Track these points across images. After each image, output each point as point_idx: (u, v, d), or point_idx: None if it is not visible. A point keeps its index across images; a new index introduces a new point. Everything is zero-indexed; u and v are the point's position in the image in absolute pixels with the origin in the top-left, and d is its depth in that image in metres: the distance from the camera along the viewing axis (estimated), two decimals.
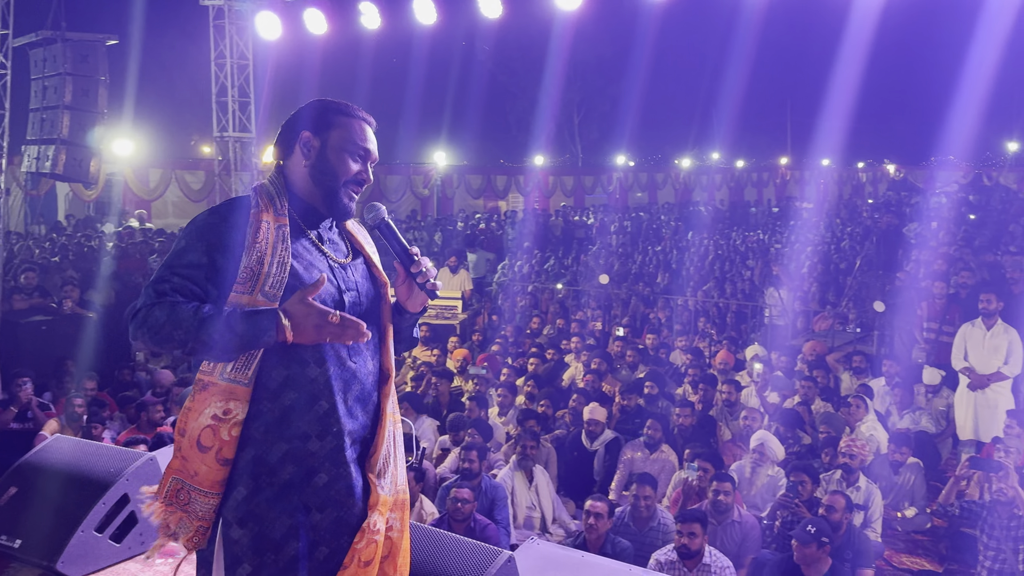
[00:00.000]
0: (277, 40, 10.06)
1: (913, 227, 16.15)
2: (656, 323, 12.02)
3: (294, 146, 2.27)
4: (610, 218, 25.00)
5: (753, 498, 6.37)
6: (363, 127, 2.30)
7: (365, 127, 2.30)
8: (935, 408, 8.15)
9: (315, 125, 2.26)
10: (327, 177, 2.25)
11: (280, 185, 2.27)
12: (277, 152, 2.34)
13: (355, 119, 2.29)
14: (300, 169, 2.27)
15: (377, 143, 2.32)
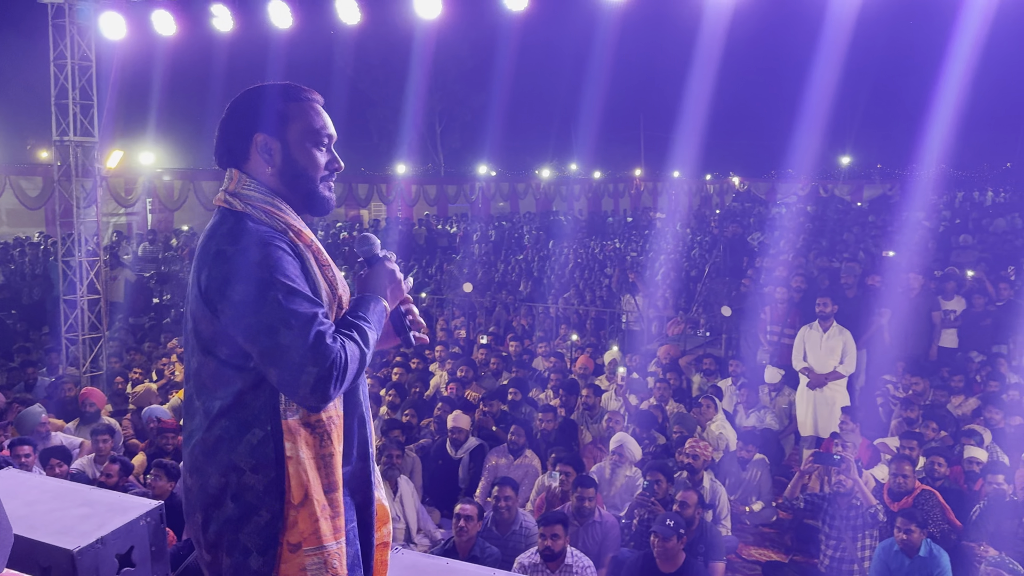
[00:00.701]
0: (122, 41, 9.56)
1: (757, 236, 17.12)
2: (519, 330, 12.20)
3: (249, 152, 2.01)
4: (473, 227, 25.17)
5: (612, 498, 6.56)
6: (317, 108, 2.07)
7: (318, 107, 2.08)
8: (778, 406, 8.66)
9: (269, 124, 2.00)
10: (301, 180, 2.03)
11: (270, 196, 1.99)
12: (227, 159, 2.04)
13: (306, 103, 2.05)
14: (265, 176, 2.01)
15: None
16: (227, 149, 2.04)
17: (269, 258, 1.83)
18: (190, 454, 1.92)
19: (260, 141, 2.00)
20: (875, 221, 21.53)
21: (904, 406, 7.71)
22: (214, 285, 1.83)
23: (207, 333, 1.87)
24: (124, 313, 13.15)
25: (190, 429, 1.93)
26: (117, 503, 3.86)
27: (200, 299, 1.86)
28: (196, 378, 1.92)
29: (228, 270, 1.82)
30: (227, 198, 1.97)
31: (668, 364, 9.44)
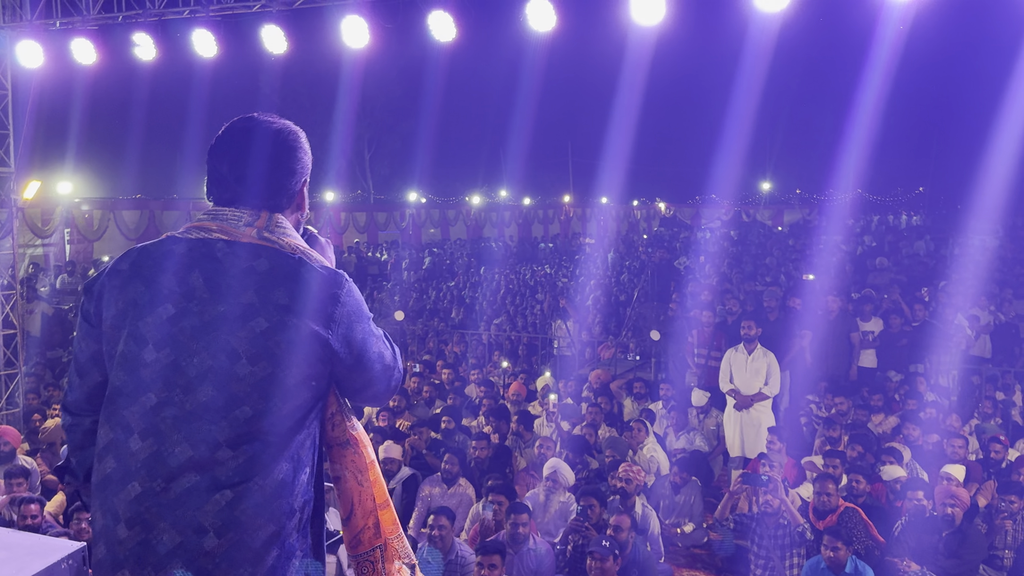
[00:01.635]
0: (39, 69, 9.31)
1: (683, 260, 17.49)
2: (451, 357, 12.18)
3: (293, 198, 1.95)
4: (403, 254, 25.09)
5: (547, 524, 6.58)
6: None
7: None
8: (706, 428, 8.82)
9: (308, 169, 2.00)
10: (299, 224, 2.01)
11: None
12: (272, 203, 1.91)
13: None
14: (292, 221, 1.96)
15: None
16: (278, 190, 1.93)
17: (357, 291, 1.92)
18: (221, 510, 1.71)
19: (304, 184, 2.00)
20: (795, 245, 22.22)
21: (827, 425, 7.94)
22: (343, 330, 1.84)
23: (301, 373, 1.79)
24: (41, 347, 12.68)
25: (189, 492, 1.71)
26: (37, 546, 3.72)
27: (308, 343, 1.79)
28: (247, 418, 1.74)
29: (351, 312, 1.87)
30: (265, 236, 1.86)
31: (599, 388, 9.54)
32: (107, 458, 1.76)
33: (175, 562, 1.70)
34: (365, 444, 1.99)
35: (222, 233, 1.84)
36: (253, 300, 1.76)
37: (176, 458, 1.71)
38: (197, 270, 1.79)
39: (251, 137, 1.93)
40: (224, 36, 8.44)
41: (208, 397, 1.73)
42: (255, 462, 1.73)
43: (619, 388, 9.92)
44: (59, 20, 8.99)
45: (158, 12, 8.43)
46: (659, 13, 6.99)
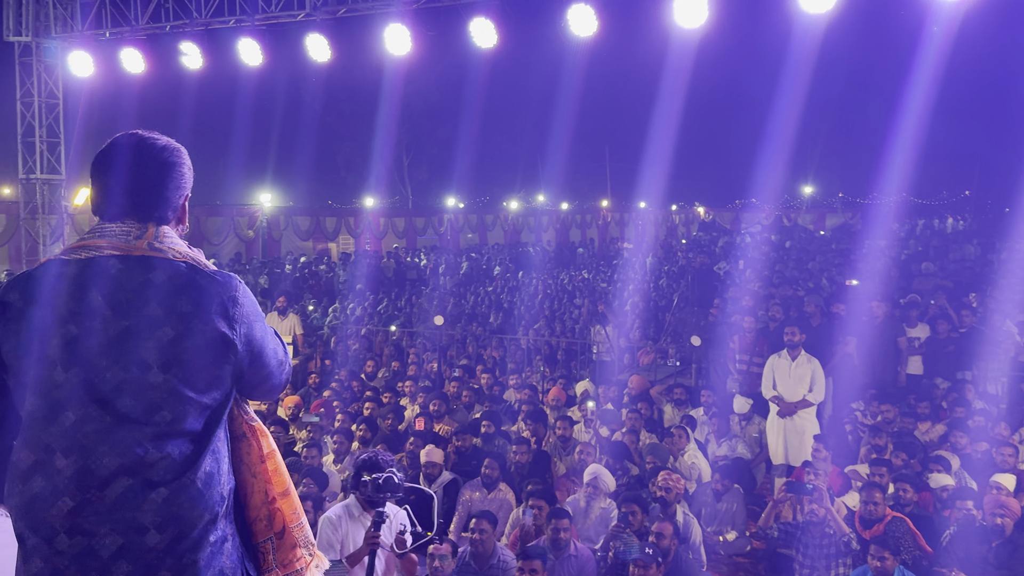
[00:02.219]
0: (90, 78, 9.55)
1: (723, 265, 17.36)
2: (490, 362, 12.20)
3: (176, 211, 2.03)
4: (441, 259, 25.21)
5: (587, 530, 6.56)
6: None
7: None
8: (748, 435, 8.73)
9: (190, 184, 2.08)
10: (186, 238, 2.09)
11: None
12: (158, 216, 1.98)
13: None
14: (176, 235, 2.03)
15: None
16: (162, 203, 1.99)
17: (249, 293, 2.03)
18: (158, 508, 1.82)
19: (186, 200, 2.08)
20: (838, 249, 21.91)
21: (873, 433, 7.81)
22: (244, 329, 1.95)
23: (211, 374, 1.90)
24: None
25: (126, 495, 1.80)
26: None
27: (215, 345, 1.90)
28: (167, 422, 1.84)
29: (249, 312, 1.99)
30: (154, 246, 1.93)
31: (639, 394, 9.49)
32: (33, 478, 1.81)
33: (120, 563, 1.80)
34: (263, 434, 2.07)
35: (113, 249, 1.89)
36: (156, 311, 1.84)
37: (106, 467, 1.79)
38: (95, 289, 1.84)
39: (138, 153, 1.99)
40: (269, 45, 8.58)
41: (127, 408, 1.81)
42: (184, 459, 1.84)
43: (659, 394, 9.86)
44: (109, 30, 9.22)
45: (205, 21, 8.60)
46: (702, 16, 6.96)
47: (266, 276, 20.43)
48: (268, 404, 9.41)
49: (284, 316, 12.77)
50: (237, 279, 1.98)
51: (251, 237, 27.03)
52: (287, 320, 12.71)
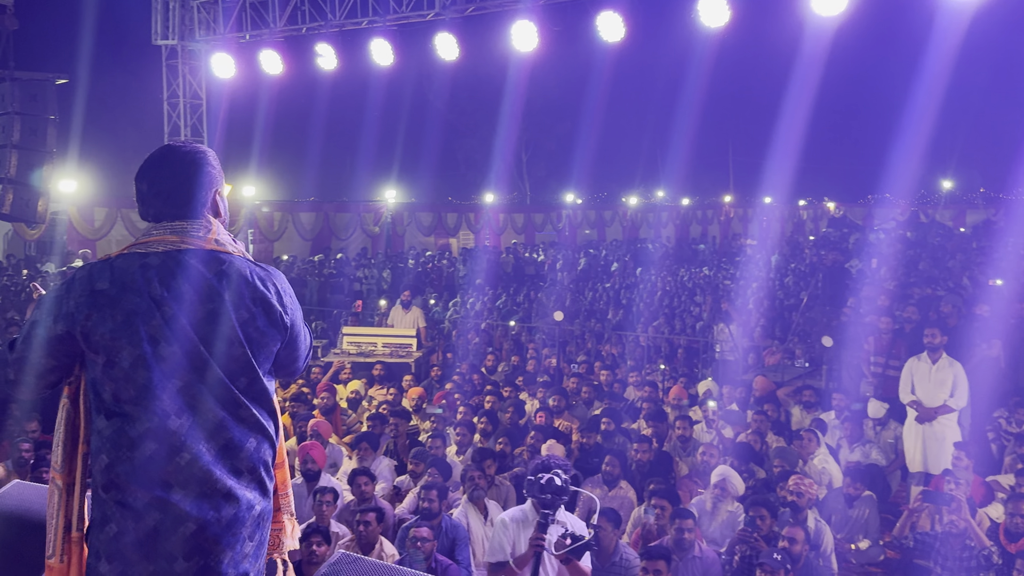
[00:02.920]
0: (231, 80, 10.04)
1: (855, 263, 16.65)
2: (609, 359, 12.13)
3: (212, 204, 2.34)
4: (559, 255, 25.24)
5: (712, 533, 6.43)
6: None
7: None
8: (884, 440, 8.35)
9: (219, 179, 2.40)
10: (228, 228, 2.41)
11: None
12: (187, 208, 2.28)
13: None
14: (221, 225, 2.36)
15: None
16: (200, 199, 2.30)
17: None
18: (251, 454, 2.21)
19: (218, 196, 2.37)
20: (979, 247, 20.66)
21: (1018, 442, 7.35)
22: (292, 312, 2.32)
23: (268, 350, 2.27)
24: None
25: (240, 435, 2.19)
26: None
27: (274, 326, 2.26)
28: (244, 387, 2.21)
29: (294, 301, 2.36)
30: (220, 240, 2.28)
31: (764, 396, 9.23)
32: (144, 443, 2.08)
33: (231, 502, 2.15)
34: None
35: (186, 244, 2.22)
36: (232, 297, 2.18)
37: (210, 421, 2.14)
38: (180, 277, 2.16)
39: (171, 160, 2.32)
40: (399, 44, 8.79)
41: (219, 375, 2.15)
42: (259, 417, 2.22)
43: (787, 396, 9.56)
44: (249, 33, 9.66)
45: (339, 23, 8.89)
46: (840, 3, 6.68)
47: (389, 271, 20.96)
48: (395, 394, 9.69)
49: (408, 309, 13.09)
50: (279, 272, 2.36)
51: (376, 232, 27.83)
52: (411, 313, 13.02)
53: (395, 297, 14.19)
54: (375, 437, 8.12)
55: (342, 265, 21.44)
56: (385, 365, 11.08)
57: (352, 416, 9.75)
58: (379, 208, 28.67)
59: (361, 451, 7.72)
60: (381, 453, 8.02)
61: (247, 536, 2.17)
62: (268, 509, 2.26)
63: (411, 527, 5.66)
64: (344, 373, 11.04)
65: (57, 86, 9.40)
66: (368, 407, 9.75)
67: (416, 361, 11.71)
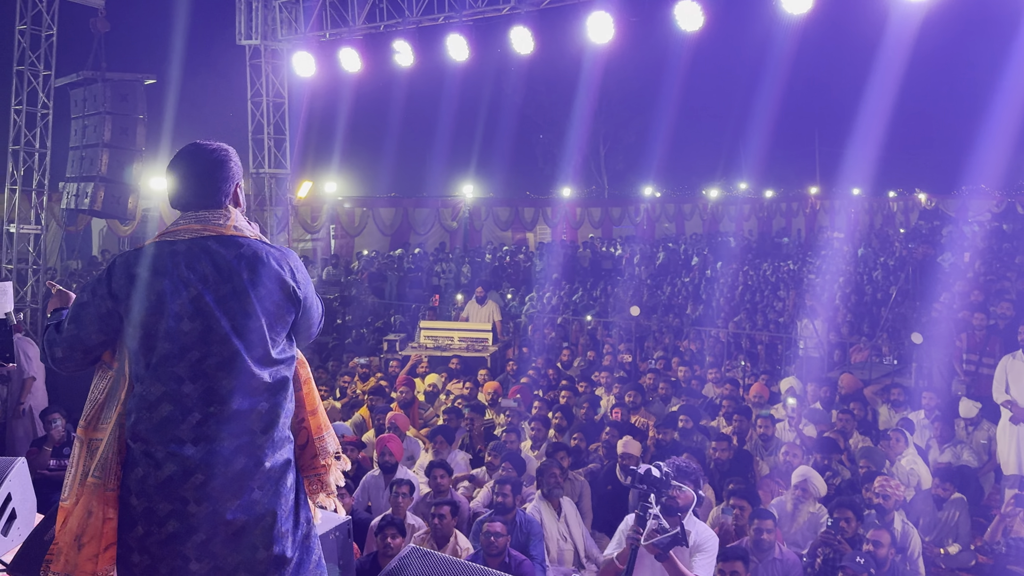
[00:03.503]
0: (311, 78, 10.23)
1: (947, 257, 15.98)
2: (687, 355, 11.93)
3: (234, 195, 2.64)
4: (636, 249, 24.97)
5: (794, 535, 6.26)
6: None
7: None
8: (976, 441, 7.99)
9: (239, 174, 2.69)
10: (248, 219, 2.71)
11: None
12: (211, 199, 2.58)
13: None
14: (240, 213, 2.65)
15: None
16: (221, 191, 2.60)
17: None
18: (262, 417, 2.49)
19: (239, 188, 2.67)
20: None
21: None
22: (304, 289, 2.62)
23: (283, 321, 2.57)
24: None
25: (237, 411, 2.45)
26: None
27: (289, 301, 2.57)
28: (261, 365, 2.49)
29: (306, 276, 2.67)
30: (239, 226, 2.58)
31: (851, 393, 8.94)
32: (162, 405, 2.42)
33: (239, 458, 2.43)
34: (303, 364, 2.73)
35: (208, 231, 2.52)
36: (250, 276, 2.49)
37: (225, 388, 2.43)
38: (204, 260, 2.47)
39: (197, 157, 2.61)
40: (475, 40, 8.81)
41: (237, 346, 2.45)
42: (275, 382, 2.52)
43: (874, 394, 9.24)
44: (328, 31, 9.82)
45: (416, 19, 8.97)
46: None
47: (468, 265, 21.10)
48: (471, 388, 9.74)
49: (483, 304, 13.15)
50: (293, 252, 2.66)
51: (454, 227, 28.04)
52: (486, 308, 13.08)
53: (472, 292, 14.27)
54: (451, 431, 8.18)
55: (420, 260, 21.70)
56: (461, 359, 11.15)
57: (429, 409, 9.84)
58: (457, 203, 28.88)
59: (436, 444, 7.79)
60: (456, 447, 8.07)
61: (257, 487, 2.45)
62: (282, 462, 2.52)
63: (485, 521, 5.68)
64: (421, 367, 11.16)
65: (146, 86, 9.75)
66: (445, 401, 9.83)
67: (492, 355, 11.75)
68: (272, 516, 2.47)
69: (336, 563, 3.97)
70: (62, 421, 7.45)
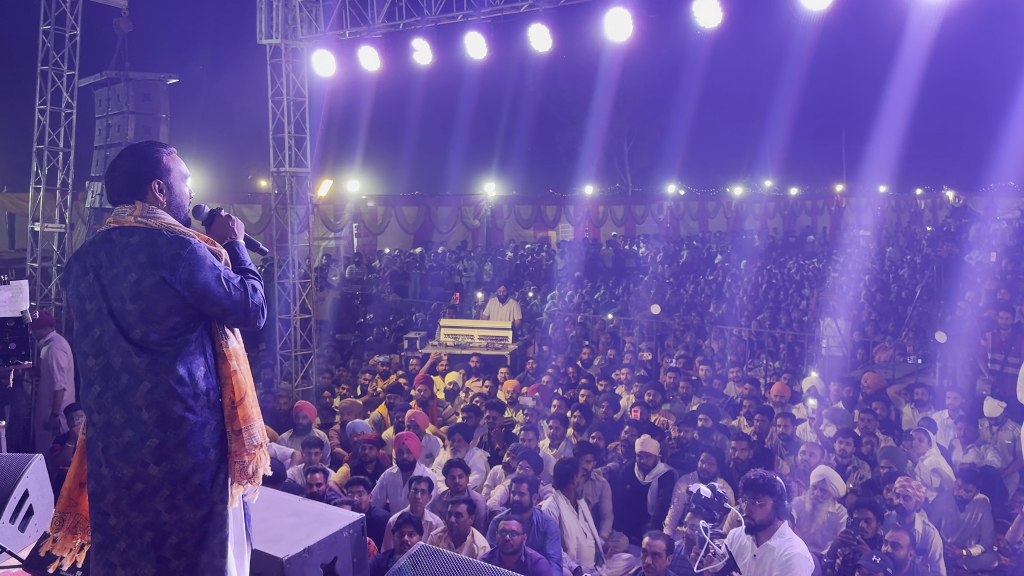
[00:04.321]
0: (332, 77, 10.26)
1: (975, 255, 15.75)
2: (709, 354, 11.86)
3: (147, 192, 2.83)
4: (659, 247, 24.84)
5: (813, 535, 6.20)
6: (178, 157, 2.94)
7: (177, 156, 2.94)
8: (1000, 442, 7.87)
9: (161, 172, 2.86)
10: (179, 212, 2.91)
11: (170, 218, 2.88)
12: (127, 194, 2.81)
13: (173, 155, 2.93)
14: (160, 207, 2.84)
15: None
16: (130, 188, 2.82)
17: (201, 251, 2.76)
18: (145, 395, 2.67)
19: (157, 185, 2.84)
20: None
21: None
22: (184, 276, 2.69)
23: (163, 306, 2.69)
24: (331, 331, 14.01)
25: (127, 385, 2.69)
26: (323, 514, 4.09)
27: (163, 285, 2.67)
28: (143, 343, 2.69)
29: (191, 264, 2.70)
30: (139, 220, 2.77)
31: (874, 393, 8.84)
32: (81, 376, 2.83)
33: (127, 431, 2.69)
34: (232, 356, 2.85)
35: (116, 223, 2.80)
36: (129, 263, 2.71)
37: (116, 365, 2.71)
38: (103, 250, 2.76)
39: (125, 156, 2.87)
40: (493, 38, 8.79)
41: (120, 326, 2.71)
42: (158, 364, 2.69)
43: (897, 394, 9.12)
44: (348, 30, 9.83)
45: (435, 18, 8.96)
46: None
47: (490, 263, 21.11)
48: (490, 387, 9.75)
49: (504, 302, 13.15)
50: (189, 241, 2.73)
51: (476, 225, 28.05)
52: (507, 306, 13.08)
53: (494, 290, 14.28)
54: (469, 429, 8.19)
55: (442, 258, 21.72)
56: (481, 357, 11.16)
57: (448, 407, 9.86)
58: (479, 201, 28.90)
59: (455, 442, 7.80)
60: (475, 445, 8.08)
61: (152, 462, 2.66)
62: (178, 442, 2.68)
63: (501, 519, 5.68)
64: (441, 365, 11.18)
65: (169, 86, 9.83)
66: (464, 399, 9.84)
67: (512, 354, 11.75)
68: (170, 488, 2.68)
69: (350, 560, 3.99)
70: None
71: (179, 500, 2.69)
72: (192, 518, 2.70)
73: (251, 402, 2.86)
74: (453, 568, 2.97)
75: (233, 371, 2.82)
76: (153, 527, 2.68)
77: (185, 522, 2.69)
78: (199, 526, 2.71)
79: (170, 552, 2.69)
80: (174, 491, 2.68)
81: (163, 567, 2.69)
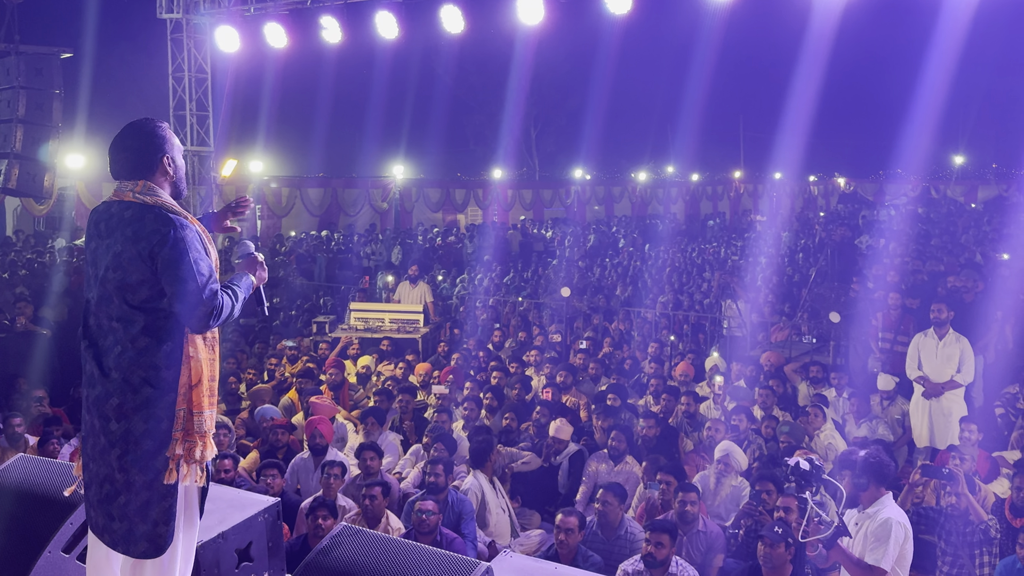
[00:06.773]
0: (236, 53, 9.97)
1: (865, 239, 16.54)
2: (617, 335, 12.10)
3: (157, 167, 2.94)
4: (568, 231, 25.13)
5: (717, 508, 6.44)
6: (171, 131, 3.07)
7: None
8: (891, 416, 8.33)
9: (168, 147, 2.97)
10: (181, 184, 3.07)
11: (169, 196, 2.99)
12: (134, 171, 2.93)
13: (169, 128, 3.04)
14: (166, 184, 2.98)
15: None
16: (141, 163, 2.94)
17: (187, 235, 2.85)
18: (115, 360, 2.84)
19: (167, 159, 2.97)
20: (991, 223, 20.49)
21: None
22: (158, 250, 2.79)
23: (137, 278, 2.83)
24: None
25: (106, 346, 2.87)
26: (236, 499, 4.02)
27: (139, 258, 2.81)
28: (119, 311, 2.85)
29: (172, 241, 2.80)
30: (137, 196, 2.89)
31: (772, 371, 9.21)
32: (83, 331, 2.99)
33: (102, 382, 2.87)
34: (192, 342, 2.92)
35: (116, 197, 2.94)
36: (117, 235, 2.86)
37: (103, 326, 2.90)
38: (103, 221, 2.93)
39: (128, 132, 2.96)
40: (404, 18, 8.71)
41: (103, 292, 2.89)
42: (128, 332, 2.84)
43: (793, 371, 9.53)
44: (253, 6, 9.59)
45: None
46: None
47: (399, 247, 20.94)
48: (404, 370, 9.71)
49: (415, 285, 13.09)
50: (175, 223, 2.83)
51: (385, 208, 27.76)
52: (418, 289, 13.02)
53: (403, 273, 14.19)
54: (382, 412, 8.15)
55: (350, 241, 21.43)
56: (392, 341, 11.10)
57: (360, 391, 9.78)
58: (387, 184, 28.59)
59: (368, 426, 7.77)
60: (388, 428, 8.06)
61: (113, 418, 2.82)
62: (132, 406, 2.81)
63: (417, 500, 5.69)
64: (352, 348, 11.06)
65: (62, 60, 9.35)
66: (376, 382, 9.78)
67: (423, 337, 11.72)
68: (123, 448, 2.83)
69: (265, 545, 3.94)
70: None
71: (127, 462, 2.83)
72: (138, 482, 2.83)
73: (206, 391, 2.95)
74: (375, 546, 2.98)
75: (191, 356, 2.91)
76: (110, 481, 2.85)
77: (132, 484, 2.83)
78: (142, 491, 2.83)
79: (116, 511, 2.85)
80: (125, 451, 2.83)
81: (110, 524, 2.87)
